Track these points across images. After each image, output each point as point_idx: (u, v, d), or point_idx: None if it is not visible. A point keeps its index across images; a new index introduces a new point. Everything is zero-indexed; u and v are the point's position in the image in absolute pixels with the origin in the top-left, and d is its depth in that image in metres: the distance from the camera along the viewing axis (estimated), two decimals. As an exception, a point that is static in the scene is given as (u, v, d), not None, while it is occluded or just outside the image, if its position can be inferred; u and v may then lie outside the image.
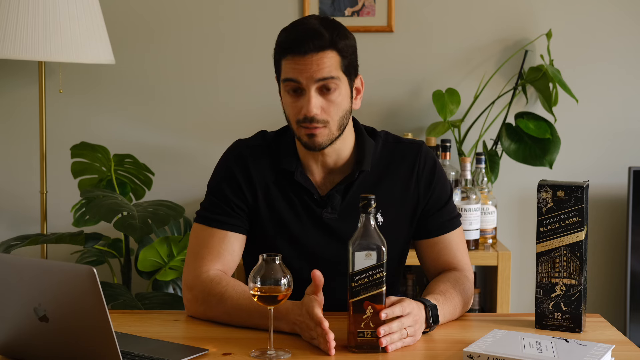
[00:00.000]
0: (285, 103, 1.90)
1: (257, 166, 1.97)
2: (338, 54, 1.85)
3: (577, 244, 1.79)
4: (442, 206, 2.00)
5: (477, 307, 3.04)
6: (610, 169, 3.25)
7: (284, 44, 1.87)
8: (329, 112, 1.86)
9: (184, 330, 1.85)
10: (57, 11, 2.83)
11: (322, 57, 1.83)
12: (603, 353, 1.60)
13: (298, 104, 1.86)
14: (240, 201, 1.96)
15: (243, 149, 2.00)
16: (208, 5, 3.23)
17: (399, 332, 1.67)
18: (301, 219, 1.95)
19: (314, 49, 1.82)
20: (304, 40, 1.83)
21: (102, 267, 3.06)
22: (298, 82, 1.84)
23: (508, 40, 3.22)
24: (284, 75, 1.87)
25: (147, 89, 3.26)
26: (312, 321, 1.66)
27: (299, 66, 1.83)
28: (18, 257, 1.58)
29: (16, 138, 3.28)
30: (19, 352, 1.59)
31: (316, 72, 1.83)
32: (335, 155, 1.95)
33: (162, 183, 3.23)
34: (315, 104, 1.84)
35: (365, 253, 1.64)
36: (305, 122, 1.86)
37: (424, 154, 2.00)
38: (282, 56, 1.87)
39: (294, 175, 1.94)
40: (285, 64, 1.86)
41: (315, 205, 1.95)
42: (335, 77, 1.85)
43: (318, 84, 1.84)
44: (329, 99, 1.86)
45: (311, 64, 1.83)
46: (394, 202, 1.96)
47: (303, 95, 1.85)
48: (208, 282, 1.87)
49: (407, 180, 1.97)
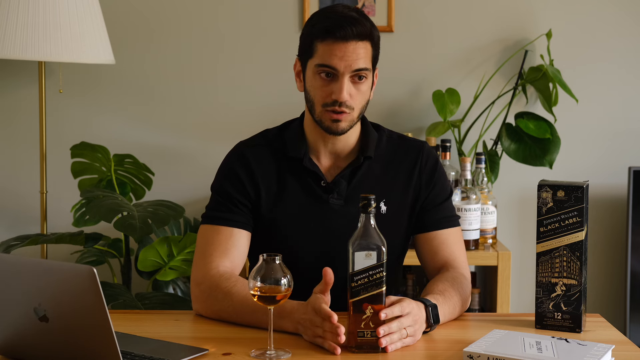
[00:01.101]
0: (314, 85, 1.92)
1: (259, 161, 1.99)
2: (372, 46, 1.90)
3: (577, 244, 1.79)
4: (440, 203, 2.02)
5: (477, 307, 3.04)
6: (610, 169, 3.25)
7: (324, 26, 1.88)
8: (356, 99, 1.90)
9: (184, 330, 1.85)
10: (57, 11, 2.83)
11: (361, 46, 1.87)
12: (603, 353, 1.60)
13: (328, 88, 1.89)
14: (244, 198, 1.98)
15: (244, 149, 2.03)
16: (208, 5, 3.23)
17: (399, 332, 1.67)
18: (308, 206, 1.98)
19: (356, 36, 1.86)
20: (347, 26, 1.85)
21: (102, 267, 3.06)
22: (334, 69, 1.87)
23: (508, 40, 3.22)
24: (319, 59, 1.88)
25: (147, 89, 3.26)
26: (320, 316, 1.66)
27: (339, 53, 1.86)
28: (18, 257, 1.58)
29: (16, 138, 3.27)
30: (19, 352, 1.59)
31: (354, 61, 1.86)
32: (344, 141, 1.99)
33: (162, 183, 3.23)
34: (348, 91, 1.88)
35: (365, 253, 1.64)
36: (334, 106, 1.89)
37: (427, 151, 2.04)
38: (319, 38, 1.88)
39: (302, 161, 1.97)
40: (322, 47, 1.88)
41: (322, 191, 1.98)
42: (368, 68, 1.90)
43: (353, 73, 1.87)
44: (358, 87, 1.90)
45: (350, 53, 1.86)
46: (396, 193, 1.99)
47: (335, 80, 1.88)
48: (217, 278, 1.89)
49: (410, 173, 2.01)
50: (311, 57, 1.91)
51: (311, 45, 1.91)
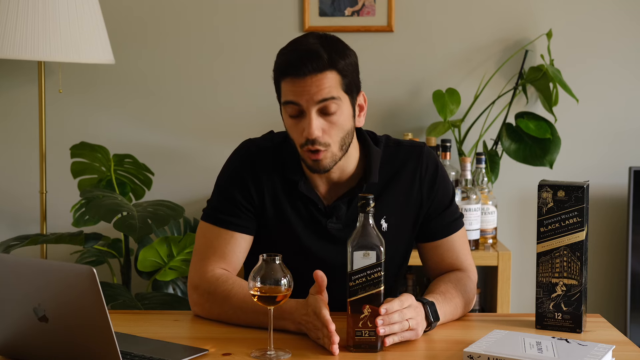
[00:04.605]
0: (287, 126, 1.87)
1: (265, 169, 1.95)
2: (338, 74, 1.81)
3: (578, 244, 1.79)
4: (444, 208, 1.98)
5: (477, 307, 3.04)
6: (611, 169, 3.25)
7: (282, 66, 1.83)
8: (330, 134, 1.83)
9: (183, 330, 1.85)
10: (57, 11, 2.82)
11: (321, 78, 1.78)
12: (603, 353, 1.60)
13: (299, 127, 1.83)
14: (248, 202, 1.94)
15: (252, 151, 1.97)
16: (207, 6, 3.23)
17: (400, 324, 1.67)
18: (307, 227, 1.94)
19: (312, 71, 1.78)
20: (302, 62, 1.78)
21: (101, 267, 3.06)
22: (298, 104, 1.81)
23: (508, 40, 3.22)
24: (283, 97, 1.84)
25: (147, 88, 3.26)
26: (319, 322, 1.66)
27: (298, 88, 1.79)
28: (18, 257, 1.58)
29: (16, 138, 3.27)
30: (19, 352, 1.59)
31: (316, 93, 1.78)
32: (339, 172, 1.93)
33: (162, 183, 3.22)
34: (317, 126, 1.80)
35: (364, 252, 1.64)
36: (308, 145, 1.82)
37: (426, 157, 1.98)
38: (280, 78, 1.84)
39: (298, 186, 1.93)
40: (285, 86, 1.82)
41: (320, 215, 1.94)
42: (336, 97, 1.81)
43: (318, 105, 1.80)
44: (330, 120, 1.82)
45: (310, 86, 1.78)
46: (397, 208, 1.95)
47: (304, 117, 1.82)
48: (214, 281, 1.87)
49: (410, 184, 1.96)
50: (280, 96, 1.87)
51: (278, 85, 1.86)
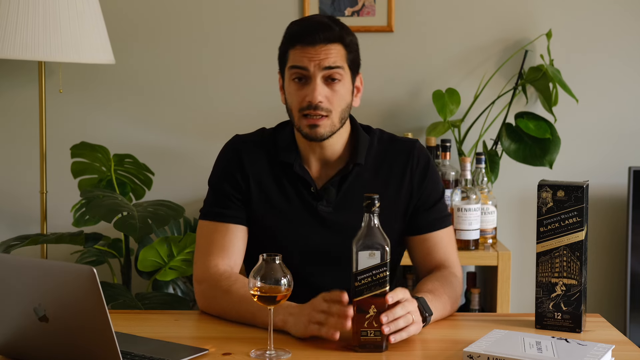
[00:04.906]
0: (289, 92, 1.94)
1: (251, 159, 2.00)
2: (344, 48, 1.91)
3: (577, 244, 1.79)
4: (433, 204, 2.02)
5: (477, 307, 3.03)
6: (611, 169, 3.25)
7: (294, 35, 1.92)
8: (332, 102, 1.90)
9: (183, 330, 1.85)
10: (57, 11, 2.83)
11: (330, 48, 1.89)
12: (603, 353, 1.60)
13: (302, 92, 1.90)
14: (237, 192, 1.99)
15: (239, 143, 2.04)
16: (208, 5, 3.23)
17: (404, 318, 1.67)
18: (297, 211, 1.98)
19: (323, 40, 1.89)
20: (314, 32, 1.89)
21: (102, 267, 3.06)
22: (305, 69, 1.89)
23: (508, 40, 3.22)
24: (291, 63, 1.91)
25: (147, 88, 3.26)
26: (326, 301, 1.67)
27: (308, 55, 1.88)
28: (18, 257, 1.58)
29: (16, 138, 3.27)
30: (19, 352, 1.59)
31: (324, 60, 1.88)
32: (331, 148, 1.98)
33: (162, 183, 3.23)
34: (321, 92, 1.89)
35: (369, 252, 1.64)
36: (309, 110, 1.89)
37: (418, 151, 2.03)
38: (290, 46, 1.92)
39: (293, 167, 1.97)
40: (293, 54, 1.91)
41: (311, 198, 1.98)
42: (341, 66, 1.90)
43: (324, 72, 1.89)
44: (333, 88, 1.90)
45: (319, 53, 1.88)
46: (388, 197, 1.97)
47: (308, 83, 1.90)
48: (217, 276, 1.91)
49: (401, 176, 2.00)
50: (286, 64, 1.94)
51: (285, 55, 1.94)
